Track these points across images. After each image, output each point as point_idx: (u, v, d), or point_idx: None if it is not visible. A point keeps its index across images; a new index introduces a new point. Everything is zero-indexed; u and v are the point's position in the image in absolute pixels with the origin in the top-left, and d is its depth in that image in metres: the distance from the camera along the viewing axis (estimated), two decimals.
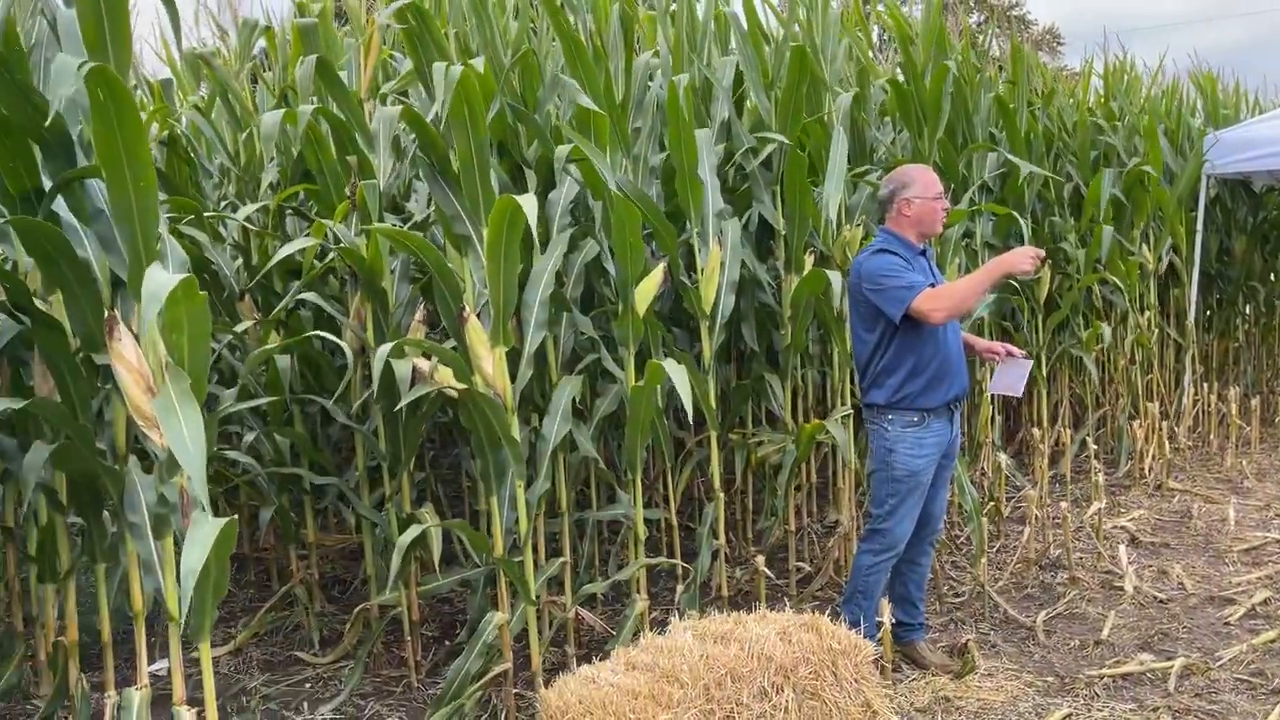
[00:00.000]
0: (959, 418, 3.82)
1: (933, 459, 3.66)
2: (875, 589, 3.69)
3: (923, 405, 3.61)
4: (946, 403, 3.66)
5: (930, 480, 3.69)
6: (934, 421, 3.64)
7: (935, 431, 3.65)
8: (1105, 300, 7.19)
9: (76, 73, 1.98)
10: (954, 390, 3.67)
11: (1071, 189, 6.98)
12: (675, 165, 3.89)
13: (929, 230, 3.75)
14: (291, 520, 4.31)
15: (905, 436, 3.63)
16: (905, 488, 3.64)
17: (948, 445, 3.74)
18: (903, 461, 3.63)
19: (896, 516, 3.65)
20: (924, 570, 3.90)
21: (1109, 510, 5.85)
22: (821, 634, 2.83)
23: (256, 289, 4.13)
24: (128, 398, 2.25)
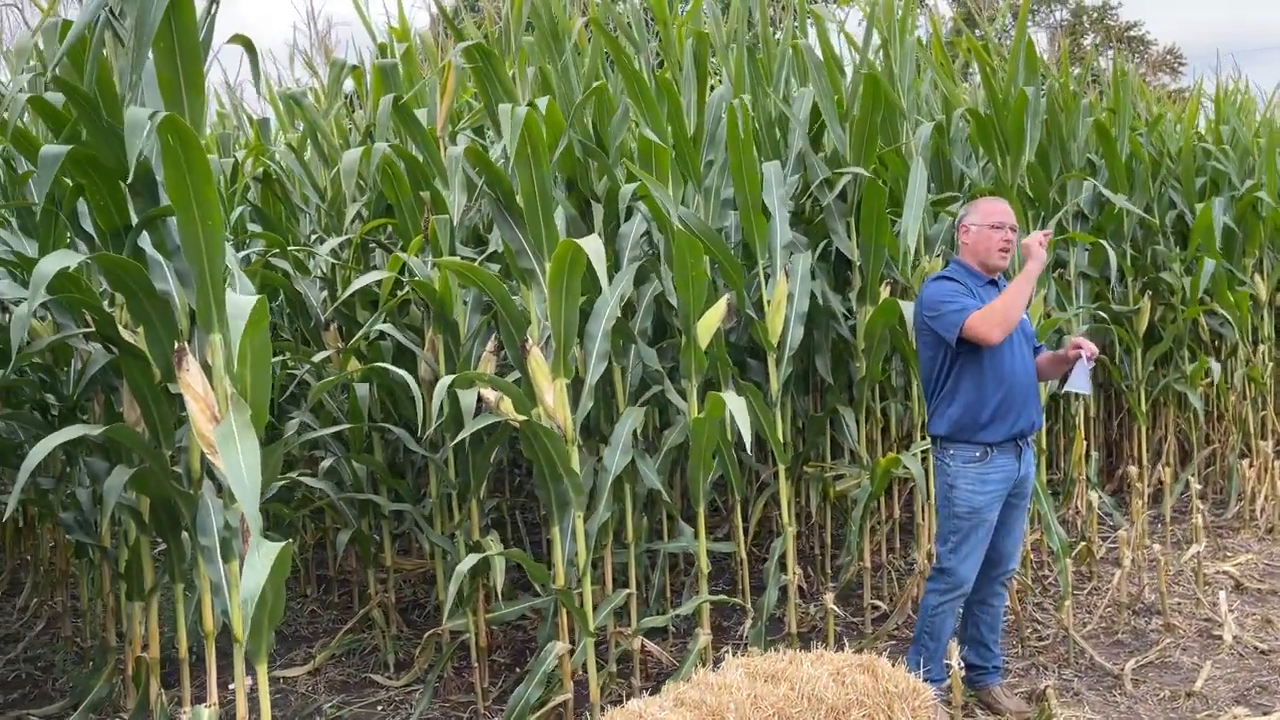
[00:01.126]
0: (1031, 454, 3.67)
1: (997, 496, 3.54)
2: (943, 630, 3.58)
3: (985, 439, 3.51)
4: (1012, 437, 3.54)
5: (996, 518, 3.57)
6: (998, 457, 3.53)
7: (999, 467, 3.53)
8: (1213, 333, 6.87)
9: (148, 123, 2.10)
10: (1020, 425, 3.54)
11: (1175, 216, 6.71)
12: (739, 198, 3.89)
13: (986, 260, 3.63)
14: (371, 544, 4.42)
15: (967, 472, 3.54)
16: (968, 525, 3.54)
17: (1016, 483, 3.61)
18: (964, 498, 3.53)
19: (959, 555, 3.54)
20: (997, 611, 3.76)
21: (1214, 554, 5.57)
22: (878, 676, 2.77)
23: (340, 319, 4.28)
24: (194, 425, 2.36)
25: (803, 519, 5.25)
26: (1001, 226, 3.59)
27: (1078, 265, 5.86)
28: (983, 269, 3.64)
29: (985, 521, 3.54)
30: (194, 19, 2.24)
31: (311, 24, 4.72)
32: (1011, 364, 3.52)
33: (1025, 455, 3.61)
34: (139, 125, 2.12)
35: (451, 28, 3.78)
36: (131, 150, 2.12)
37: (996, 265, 3.64)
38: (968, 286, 3.56)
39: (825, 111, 4.55)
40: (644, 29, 4.09)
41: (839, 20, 5.36)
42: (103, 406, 3.37)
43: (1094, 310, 5.88)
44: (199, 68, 2.30)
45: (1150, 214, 6.48)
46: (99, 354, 3.10)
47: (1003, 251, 3.60)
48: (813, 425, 4.68)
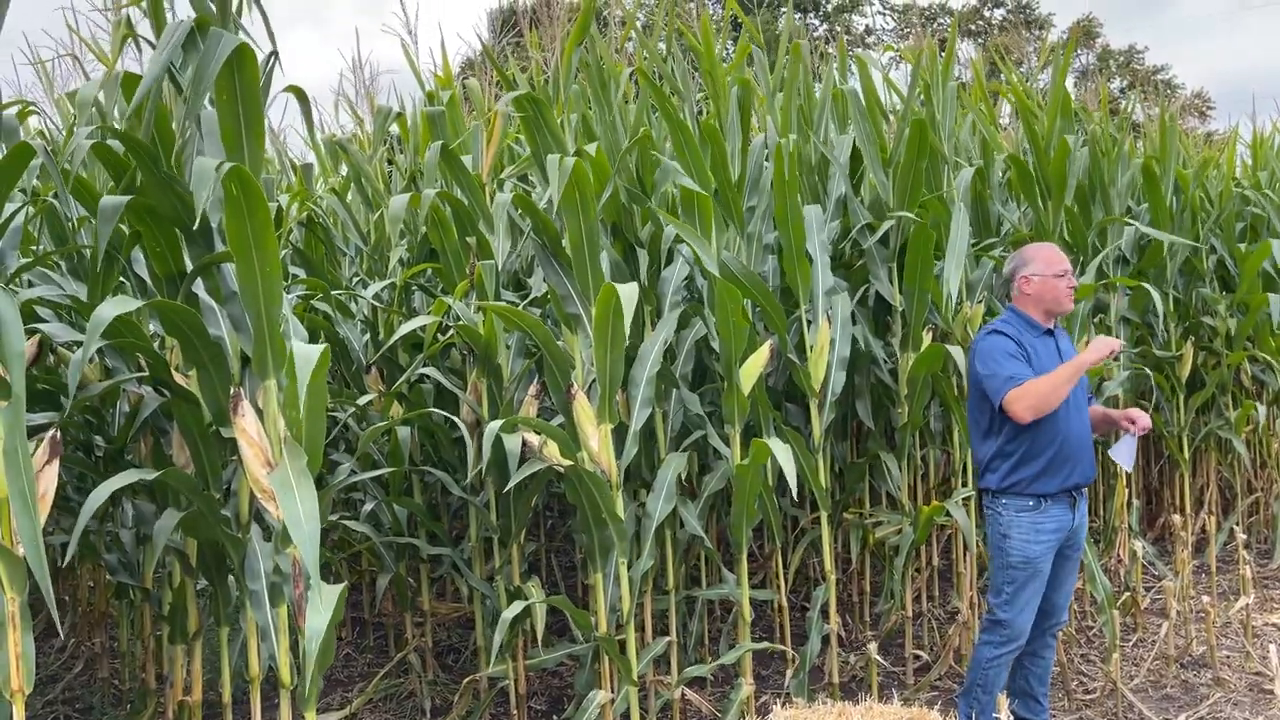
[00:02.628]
0: (1084, 505, 3.62)
1: (1051, 545, 3.49)
2: (995, 683, 3.52)
3: (1038, 491, 3.47)
4: (1065, 489, 3.50)
5: (1050, 568, 3.52)
6: (1052, 507, 3.48)
7: (1053, 517, 3.49)
8: (1255, 379, 6.78)
9: (215, 173, 2.14)
10: (1074, 478, 3.50)
11: (1216, 261, 6.66)
12: (783, 242, 3.90)
13: (1054, 308, 3.64)
14: (408, 588, 4.41)
15: (1020, 522, 3.49)
16: (1023, 575, 3.49)
17: (1070, 533, 3.56)
18: (1018, 548, 3.48)
19: (1015, 606, 3.49)
20: (1046, 663, 3.70)
21: (1260, 605, 5.45)
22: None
23: (383, 362, 4.30)
24: (247, 470, 2.38)
25: (841, 566, 5.20)
26: (1065, 274, 3.60)
27: (1119, 310, 5.81)
28: (1044, 317, 3.63)
29: (1040, 572, 3.49)
30: (256, 71, 2.28)
31: (357, 71, 4.80)
32: (1066, 420, 3.48)
33: (1080, 506, 3.57)
34: (206, 175, 2.16)
35: (501, 76, 3.83)
36: (199, 199, 2.16)
37: (1065, 310, 3.67)
38: (1023, 340, 3.55)
39: (868, 156, 4.56)
40: (689, 77, 4.12)
41: (882, 67, 5.38)
42: (149, 449, 3.40)
43: (1135, 355, 5.83)
44: (260, 118, 2.35)
45: (1197, 257, 6.44)
46: (150, 397, 3.13)
47: (1070, 298, 3.64)
48: (853, 471, 4.64)
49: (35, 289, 3.49)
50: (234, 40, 2.19)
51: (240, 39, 2.23)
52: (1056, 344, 3.65)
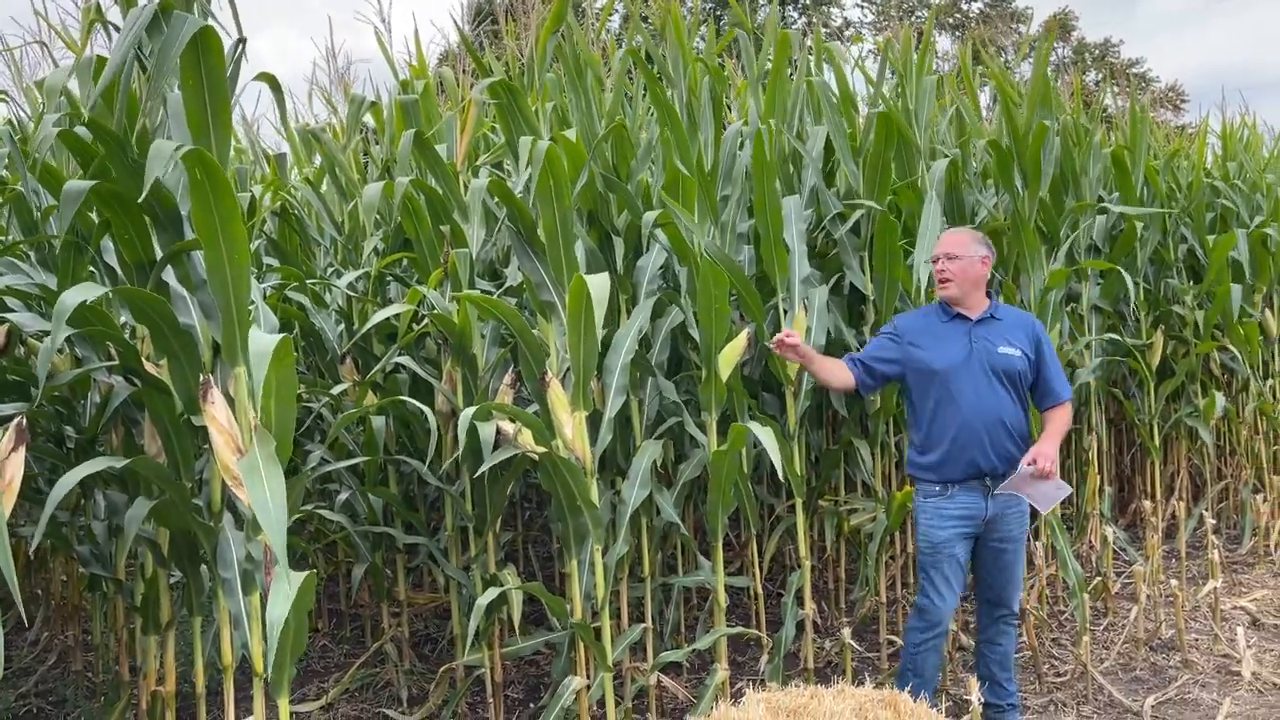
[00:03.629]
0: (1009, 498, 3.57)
1: (959, 532, 3.54)
2: (924, 667, 3.58)
3: (942, 477, 3.53)
4: (971, 476, 3.52)
5: (963, 556, 3.55)
6: (960, 494, 3.52)
7: (961, 504, 3.53)
8: (1224, 367, 6.87)
9: (171, 155, 2.13)
10: (980, 465, 3.52)
11: (1186, 250, 6.73)
12: (760, 230, 3.92)
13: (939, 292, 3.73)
14: (384, 578, 4.41)
15: (925, 506, 3.60)
16: (930, 560, 3.58)
17: (987, 523, 3.56)
18: (923, 532, 3.59)
19: (928, 592, 3.58)
20: (1004, 650, 3.72)
21: (1228, 589, 5.54)
22: (900, 712, 2.74)
23: (357, 352, 4.29)
24: (218, 457, 2.37)
25: (816, 553, 5.23)
26: (937, 258, 3.66)
27: (1090, 298, 5.87)
28: (950, 302, 3.68)
29: (949, 557, 3.53)
30: (222, 55, 2.27)
31: (331, 59, 4.78)
32: (965, 408, 3.51)
33: (999, 496, 3.55)
34: (161, 156, 2.14)
35: (477, 62, 3.82)
36: (148, 177, 2.14)
37: (942, 295, 3.71)
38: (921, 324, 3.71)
39: (839, 148, 4.58)
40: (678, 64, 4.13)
41: (857, 58, 5.41)
42: (121, 439, 3.38)
43: (1106, 342, 5.89)
44: (226, 103, 2.33)
45: (1165, 248, 6.51)
46: (121, 387, 3.11)
47: (939, 283, 3.67)
48: (827, 459, 4.67)
49: (3, 278, 3.46)
50: (197, 23, 2.17)
51: (204, 21, 2.21)
52: (972, 331, 3.64)
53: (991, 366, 3.56)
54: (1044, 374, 3.66)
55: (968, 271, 3.61)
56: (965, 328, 3.63)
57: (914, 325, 3.73)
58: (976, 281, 3.64)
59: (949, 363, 3.57)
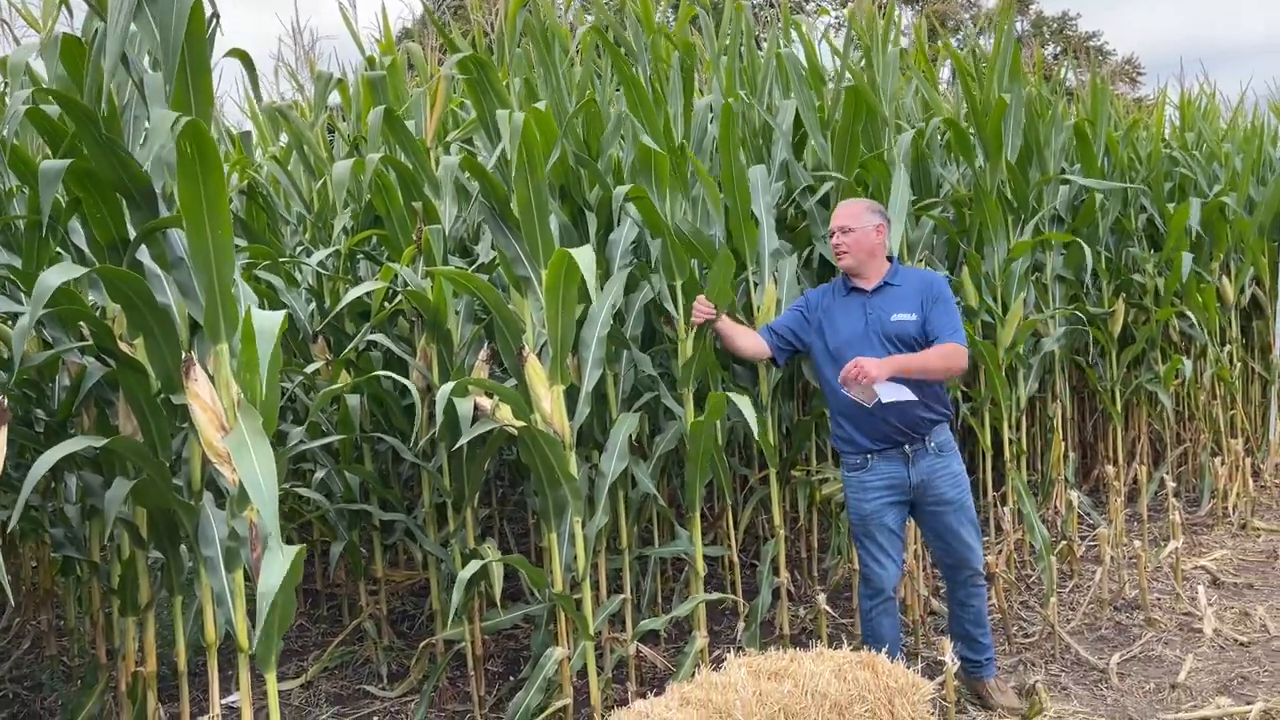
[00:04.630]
0: (933, 460, 3.61)
1: (886, 501, 3.61)
2: (879, 631, 3.67)
3: (860, 448, 3.61)
4: (889, 444, 3.58)
5: (894, 523, 3.63)
6: (880, 463, 3.60)
7: (881, 474, 3.60)
8: (1183, 334, 7.01)
9: (170, 129, 2.11)
10: (890, 435, 3.57)
11: (1145, 220, 6.86)
12: (729, 203, 3.95)
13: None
14: (361, 556, 4.42)
15: (850, 479, 3.69)
16: (862, 531, 3.67)
17: (915, 488, 3.60)
18: (851, 505, 3.69)
19: (867, 562, 3.68)
20: (976, 609, 3.79)
21: (1190, 550, 5.69)
22: (878, 672, 2.81)
23: (330, 331, 4.28)
24: (201, 435, 2.37)
25: (789, 523, 5.30)
26: (833, 232, 3.72)
27: (1054, 268, 5.97)
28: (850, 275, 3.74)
29: (881, 527, 3.61)
30: (204, 30, 2.25)
31: (296, 37, 4.73)
32: None
33: (920, 462, 3.60)
34: (160, 130, 2.12)
35: (444, 38, 3.80)
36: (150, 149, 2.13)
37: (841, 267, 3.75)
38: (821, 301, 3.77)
39: (807, 121, 4.62)
40: (639, 41, 4.13)
41: (824, 30, 5.44)
42: (94, 420, 3.36)
43: (1070, 312, 5.99)
44: (208, 80, 2.32)
45: (1126, 218, 6.62)
46: (94, 367, 3.09)
47: (836, 256, 3.72)
48: (799, 430, 4.72)
49: None
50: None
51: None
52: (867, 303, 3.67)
53: (886, 335, 3.59)
54: (930, 321, 3.59)
55: (862, 242, 3.66)
56: (861, 300, 3.68)
57: (820, 300, 3.80)
58: (872, 251, 3.68)
59: (847, 337, 3.62)
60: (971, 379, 5.23)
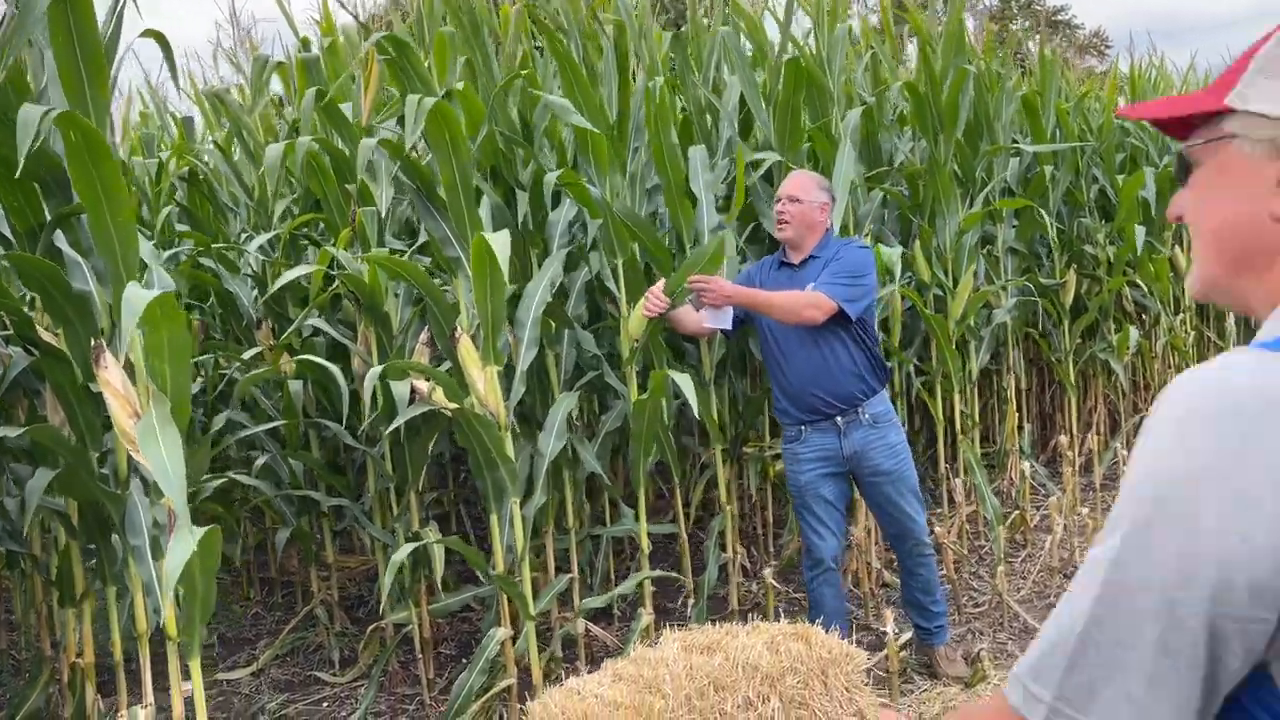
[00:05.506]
0: (866, 431, 3.60)
1: (820, 473, 3.63)
2: (822, 602, 3.69)
3: (794, 420, 3.63)
4: (821, 415, 3.58)
5: (831, 493, 3.64)
6: (812, 435, 3.61)
7: (815, 445, 3.62)
8: (1137, 304, 7.07)
9: (40, 120, 2.08)
10: (819, 409, 3.58)
11: (1097, 191, 6.89)
12: (662, 181, 3.94)
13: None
14: (311, 542, 4.40)
15: (786, 451, 3.72)
16: (800, 503, 3.70)
17: (849, 459, 3.60)
18: (789, 477, 3.72)
19: (805, 534, 3.71)
20: (924, 578, 3.82)
21: None
22: (811, 643, 2.82)
23: (272, 316, 4.24)
24: (115, 422, 2.35)
25: (745, 499, 5.32)
26: (779, 199, 3.70)
27: (1005, 241, 5.99)
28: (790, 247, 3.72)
29: (817, 498, 3.63)
30: (90, 11, 2.21)
31: (234, 22, 4.66)
32: (797, 349, 3.58)
33: (853, 434, 3.60)
34: (29, 122, 2.09)
35: (357, 19, 3.76)
36: (20, 145, 2.09)
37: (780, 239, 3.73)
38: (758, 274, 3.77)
39: (749, 98, 4.61)
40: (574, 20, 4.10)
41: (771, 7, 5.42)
42: (26, 411, 3.32)
43: (1021, 283, 6.02)
44: (101, 63, 2.28)
45: (1077, 189, 6.66)
46: (20, 357, 3.05)
47: (777, 224, 3.70)
48: (750, 406, 4.73)
49: None
50: None
51: None
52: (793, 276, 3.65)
53: None
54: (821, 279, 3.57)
55: (806, 216, 3.64)
56: (789, 274, 3.68)
57: (758, 273, 3.80)
58: (813, 226, 3.66)
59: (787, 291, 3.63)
60: (924, 352, 5.25)
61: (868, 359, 3.60)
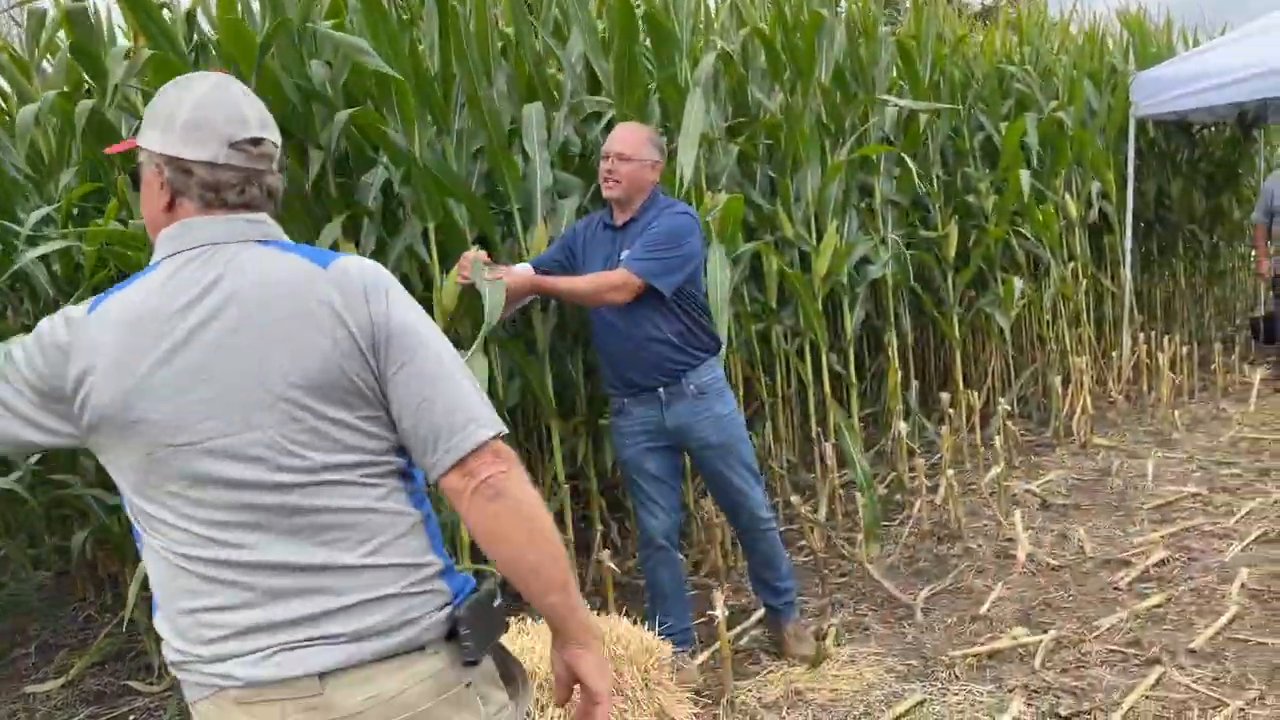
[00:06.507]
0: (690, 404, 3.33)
1: (644, 447, 3.39)
2: (659, 584, 3.48)
3: (617, 391, 3.41)
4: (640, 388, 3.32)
5: (658, 468, 3.40)
6: (634, 407, 3.37)
7: (637, 419, 3.37)
8: (1029, 255, 6.90)
9: None
10: (638, 381, 3.32)
11: (984, 138, 6.69)
12: (484, 137, 3.63)
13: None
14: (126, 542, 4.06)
15: (612, 425, 3.50)
16: (627, 479, 3.49)
17: (674, 433, 3.35)
18: (617, 451, 3.49)
19: (637, 511, 3.48)
20: (764, 553, 3.57)
21: (1028, 473, 5.61)
22: (603, 640, 2.57)
23: (64, 297, 3.87)
24: None
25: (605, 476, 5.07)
26: (607, 156, 3.33)
27: (885, 193, 5.77)
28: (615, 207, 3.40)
29: (643, 473, 3.40)
30: None
31: None
32: (614, 320, 3.30)
33: (676, 405, 3.33)
34: None
35: None
36: None
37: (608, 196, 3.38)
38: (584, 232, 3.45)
39: (588, 46, 4.30)
40: None
41: None
42: None
43: (902, 235, 5.82)
44: None
45: (960, 136, 6.45)
46: None
47: (604, 184, 3.35)
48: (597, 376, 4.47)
49: None
50: None
51: None
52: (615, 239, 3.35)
53: None
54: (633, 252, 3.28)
55: (636, 176, 3.32)
56: (611, 236, 3.40)
57: (581, 234, 3.47)
58: (643, 187, 3.36)
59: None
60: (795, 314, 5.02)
61: (688, 329, 3.33)
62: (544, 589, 1.45)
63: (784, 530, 4.93)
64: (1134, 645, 3.44)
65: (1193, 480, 5.24)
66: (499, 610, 1.51)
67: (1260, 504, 4.76)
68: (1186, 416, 6.53)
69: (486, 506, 1.40)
